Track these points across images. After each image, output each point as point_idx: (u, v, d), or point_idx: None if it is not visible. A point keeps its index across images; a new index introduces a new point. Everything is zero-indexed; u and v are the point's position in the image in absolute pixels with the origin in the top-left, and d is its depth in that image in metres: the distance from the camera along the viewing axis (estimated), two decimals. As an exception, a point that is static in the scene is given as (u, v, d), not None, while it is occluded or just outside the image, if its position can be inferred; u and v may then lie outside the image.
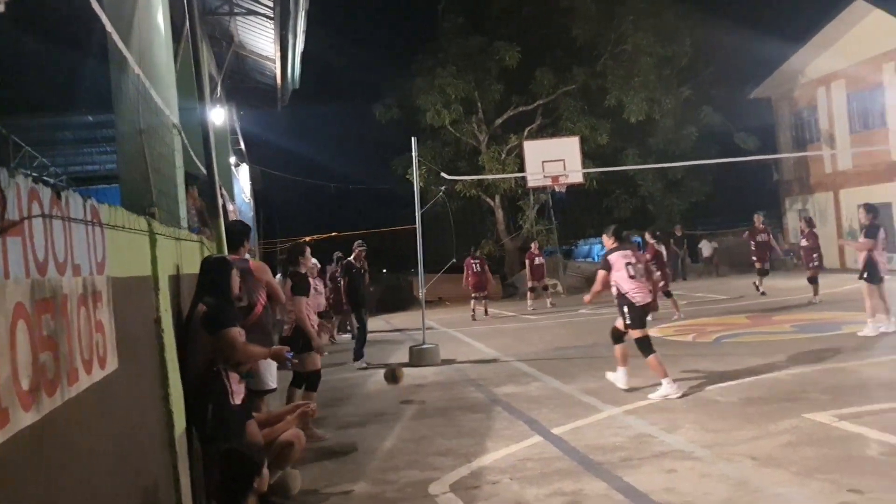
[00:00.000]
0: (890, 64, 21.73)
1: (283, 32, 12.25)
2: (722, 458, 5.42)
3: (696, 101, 26.08)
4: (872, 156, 22.75)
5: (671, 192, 27.33)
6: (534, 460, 5.81)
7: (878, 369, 8.11)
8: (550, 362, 10.54)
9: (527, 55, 25.16)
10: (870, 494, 4.46)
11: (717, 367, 9.01)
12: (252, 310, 5.94)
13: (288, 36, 12.38)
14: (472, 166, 26.08)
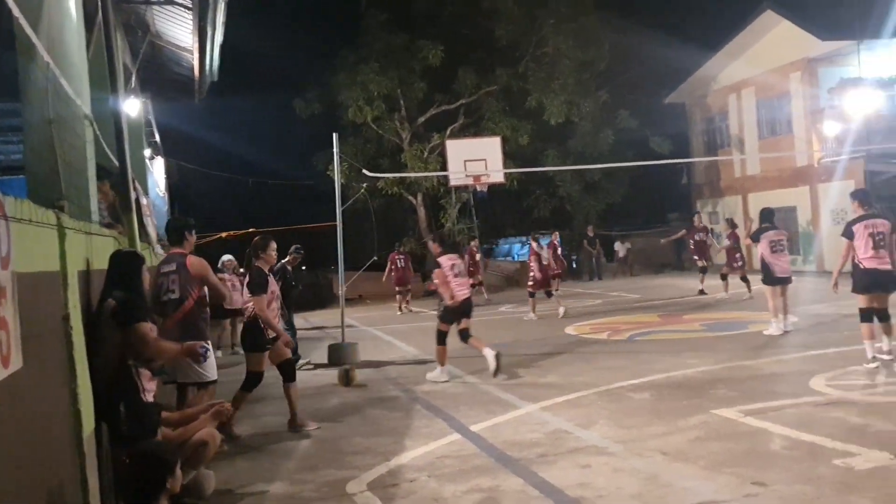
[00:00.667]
0: (796, 73, 22.70)
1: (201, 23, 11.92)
2: (634, 454, 5.58)
3: (614, 104, 26.66)
4: (779, 161, 23.75)
5: (589, 193, 27.89)
6: (452, 458, 5.85)
7: (781, 367, 8.48)
8: (470, 360, 10.60)
9: (450, 54, 25.25)
10: (772, 487, 4.66)
11: (630, 364, 9.25)
12: (181, 304, 6.03)
13: (207, 27, 12.07)
14: (395, 164, 26.03)
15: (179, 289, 6.10)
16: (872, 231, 8.05)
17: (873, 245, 8.01)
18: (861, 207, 8.32)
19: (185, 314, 6.06)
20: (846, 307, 13.22)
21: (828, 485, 4.61)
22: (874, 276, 8.04)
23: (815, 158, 22.33)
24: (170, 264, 6.25)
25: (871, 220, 8.12)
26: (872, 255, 8.02)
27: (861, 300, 8.14)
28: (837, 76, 21.80)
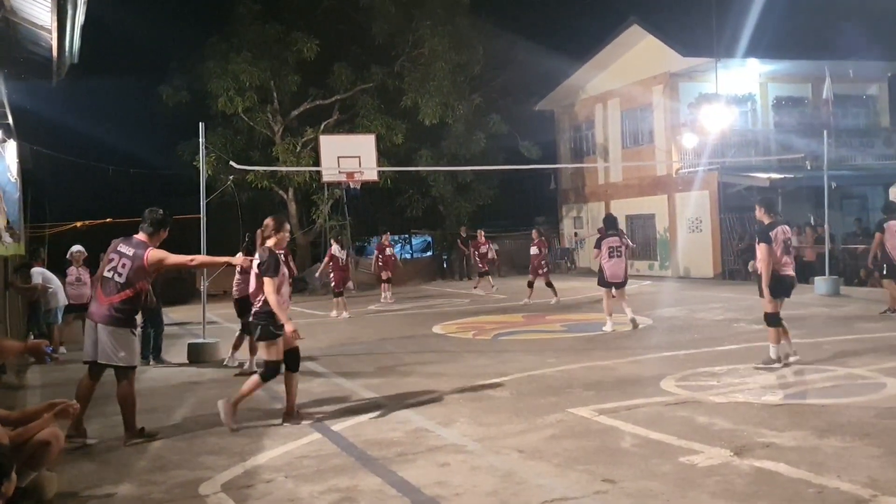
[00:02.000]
0: (658, 87, 23.80)
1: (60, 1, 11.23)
2: (492, 451, 5.65)
3: (486, 108, 27.11)
4: (640, 170, 24.84)
5: (461, 194, 28.22)
6: (311, 457, 5.74)
7: (635, 367, 8.83)
8: (335, 358, 10.50)
9: (325, 49, 24.91)
10: (621, 483, 4.83)
11: (493, 363, 9.40)
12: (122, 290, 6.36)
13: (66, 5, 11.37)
14: (266, 157, 25.40)
15: (127, 275, 6.37)
16: (784, 237, 8.25)
17: (785, 250, 8.21)
18: (767, 215, 8.41)
19: (126, 299, 6.39)
20: (699, 311, 14.02)
21: (672, 481, 4.82)
22: (787, 281, 8.26)
23: (674, 169, 23.51)
24: (128, 247, 6.51)
25: (781, 227, 8.29)
26: (787, 262, 8.23)
27: (772, 305, 8.28)
28: (696, 91, 23.06)
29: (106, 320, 6.37)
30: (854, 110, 25.08)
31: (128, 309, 6.44)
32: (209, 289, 13.03)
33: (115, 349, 6.36)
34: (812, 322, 11.76)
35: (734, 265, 21.64)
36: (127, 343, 6.44)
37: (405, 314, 16.11)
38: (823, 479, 4.70)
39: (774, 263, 8.14)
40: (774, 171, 21.51)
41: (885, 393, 6.88)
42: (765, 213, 8.38)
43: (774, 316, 8.28)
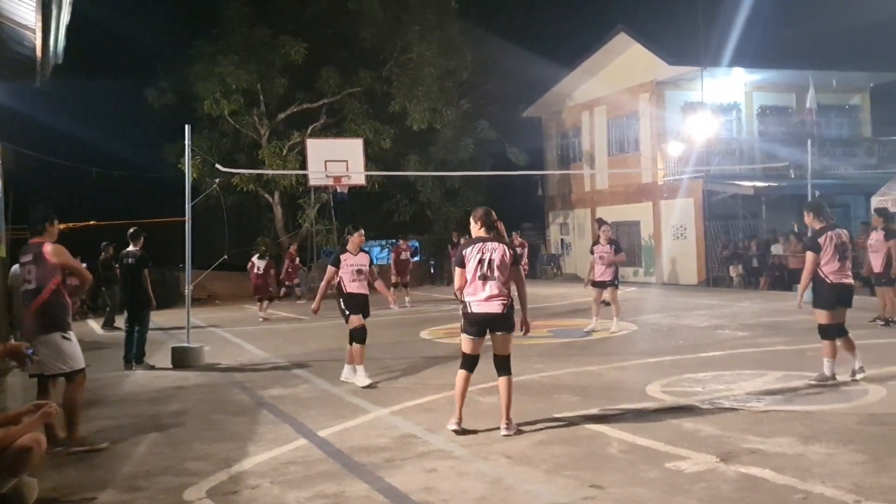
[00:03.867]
0: (645, 95, 23.95)
1: (45, 1, 11.16)
2: (479, 457, 5.65)
3: (475, 114, 27.19)
4: (626, 178, 24.96)
5: (448, 199, 28.27)
6: (297, 463, 5.72)
7: (621, 373, 8.86)
8: (321, 364, 10.47)
9: (313, 52, 24.90)
10: (609, 489, 4.84)
11: (481, 368, 9.30)
12: (38, 294, 6.17)
13: (51, 5, 11.30)
14: (252, 160, 25.34)
15: (36, 279, 6.23)
16: (838, 242, 7.62)
17: (839, 258, 7.62)
18: (818, 220, 7.83)
19: (42, 304, 6.19)
20: (683, 317, 14.09)
21: (659, 487, 4.84)
22: (840, 290, 7.64)
23: (659, 176, 23.64)
24: (27, 255, 6.37)
25: (833, 232, 7.66)
26: (840, 269, 7.64)
27: (825, 316, 7.69)
28: (682, 100, 23.23)
29: (34, 332, 6.19)
30: (837, 120, 25.36)
31: (50, 313, 6.20)
32: (194, 293, 12.98)
33: (52, 358, 6.17)
34: (796, 329, 11.83)
35: (718, 272, 21.78)
36: (59, 348, 6.21)
37: (393, 319, 16.05)
38: (808, 485, 4.73)
39: (828, 271, 7.60)
40: (759, 179, 21.70)
41: (867, 400, 6.94)
42: (814, 217, 7.81)
43: (826, 328, 7.68)
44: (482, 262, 6.21)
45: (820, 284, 7.70)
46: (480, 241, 6.29)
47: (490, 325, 6.26)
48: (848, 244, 7.76)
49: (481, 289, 6.20)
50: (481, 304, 6.22)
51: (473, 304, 6.23)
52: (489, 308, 6.22)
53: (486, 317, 6.23)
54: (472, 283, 6.21)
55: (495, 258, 6.22)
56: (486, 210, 6.46)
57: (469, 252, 6.28)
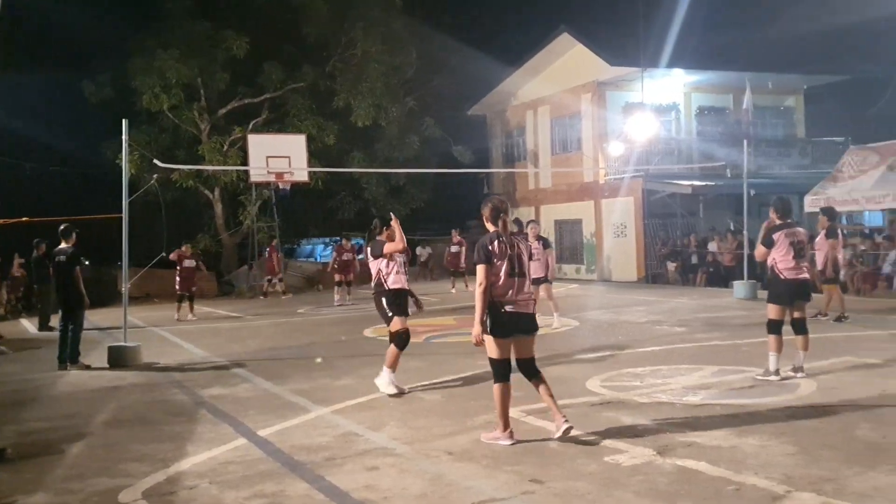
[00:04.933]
0: (587, 95, 24.24)
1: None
2: (421, 454, 5.65)
3: (420, 112, 27.16)
4: (569, 177, 25.25)
5: (393, 197, 28.19)
6: (236, 463, 5.64)
7: (563, 368, 8.93)
8: (262, 363, 10.35)
9: (256, 47, 24.55)
10: (548, 483, 4.89)
11: (424, 366, 9.40)
12: None
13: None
14: (192, 156, 24.86)
15: None
16: (794, 240, 7.76)
17: (794, 255, 7.74)
18: (778, 217, 7.99)
19: None
20: (623, 313, 14.32)
21: (597, 480, 4.91)
22: (790, 286, 7.76)
23: (601, 176, 23.97)
24: None
25: (789, 230, 7.83)
26: (794, 266, 7.76)
27: (772, 311, 7.83)
28: (623, 100, 23.58)
29: None
30: (772, 121, 26.05)
31: None
32: (132, 291, 12.69)
33: None
34: (731, 324, 12.14)
35: (657, 269, 22.19)
36: None
37: (336, 318, 15.98)
38: (742, 476, 4.85)
39: (782, 267, 7.73)
40: (697, 178, 22.16)
41: (799, 393, 7.14)
42: (775, 214, 8.03)
43: (772, 323, 7.82)
44: (511, 258, 5.81)
45: (774, 280, 7.90)
46: (503, 236, 5.85)
47: (522, 326, 5.89)
48: (805, 242, 7.94)
49: (514, 288, 5.80)
50: (517, 305, 5.81)
51: (508, 305, 5.77)
52: (524, 308, 5.87)
53: (520, 318, 5.84)
54: (505, 281, 5.75)
55: (524, 254, 5.91)
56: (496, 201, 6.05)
57: (495, 247, 5.79)
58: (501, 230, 5.86)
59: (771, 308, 7.88)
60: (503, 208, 5.98)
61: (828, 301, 12.47)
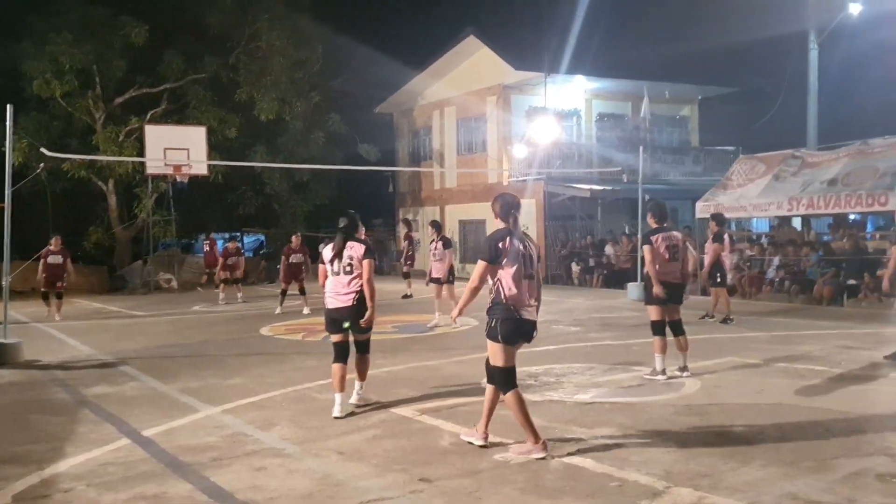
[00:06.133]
0: (492, 98, 24.51)
1: None
2: (311, 454, 5.59)
3: (326, 108, 26.84)
4: (474, 177, 25.49)
5: (297, 193, 27.80)
6: (117, 464, 5.43)
7: (459, 367, 9.02)
8: (152, 361, 10.01)
9: (156, 35, 23.70)
10: (437, 482, 4.91)
11: (321, 364, 9.25)
12: None
13: None
14: (85, 145, 23.81)
15: None
16: (669, 244, 8.05)
17: (669, 258, 8.02)
18: (654, 221, 8.24)
19: None
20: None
21: (486, 478, 4.96)
22: (668, 288, 7.99)
23: (505, 177, 24.30)
24: None
25: (665, 234, 8.11)
26: (669, 270, 8.01)
27: (653, 312, 8.09)
28: (527, 104, 23.97)
29: None
30: (668, 129, 27.02)
31: None
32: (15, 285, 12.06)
33: None
34: (624, 325, 12.51)
35: (556, 270, 22.67)
36: None
37: (232, 315, 15.63)
38: (624, 472, 4.99)
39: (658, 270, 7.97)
40: (595, 182, 22.75)
41: (683, 392, 7.42)
42: (652, 219, 8.29)
43: (655, 324, 8.08)
44: (523, 258, 5.41)
45: (650, 282, 8.16)
46: (511, 233, 5.48)
47: (528, 332, 5.54)
48: (680, 246, 8.22)
49: (527, 292, 5.44)
50: (530, 311, 5.47)
51: (523, 310, 5.40)
52: (534, 315, 5.53)
53: (531, 325, 5.49)
54: (517, 284, 5.37)
55: (533, 255, 5.58)
56: (508, 196, 5.74)
57: (507, 244, 5.40)
58: (513, 227, 5.53)
59: (651, 309, 8.16)
60: (515, 204, 5.64)
61: (715, 303, 13.01)
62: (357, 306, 6.63)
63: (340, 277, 6.66)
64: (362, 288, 6.63)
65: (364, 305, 6.62)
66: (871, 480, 4.73)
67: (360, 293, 6.62)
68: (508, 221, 5.55)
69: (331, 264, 6.71)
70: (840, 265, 15.80)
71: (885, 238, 15.74)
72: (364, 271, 6.63)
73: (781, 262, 17.15)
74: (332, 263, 6.70)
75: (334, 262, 6.68)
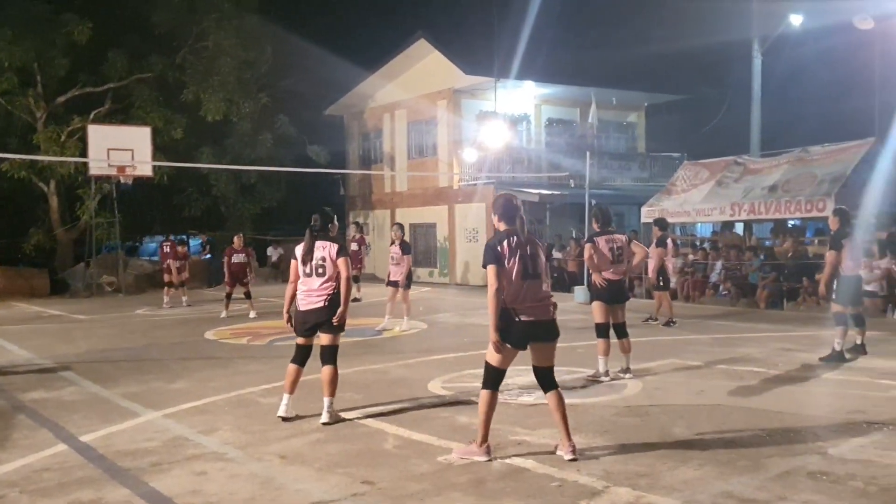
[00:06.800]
0: (443, 101, 24.59)
1: None
2: (253, 458, 5.54)
3: (274, 109, 26.58)
4: (424, 181, 25.52)
5: (244, 195, 27.48)
6: (53, 470, 5.31)
7: (405, 370, 9.03)
8: (92, 365, 9.81)
9: (100, 33, 23.17)
10: (379, 484, 4.91)
11: (266, 369, 9.22)
12: None
13: None
14: (26, 145, 23.19)
15: None
16: (612, 246, 8.26)
17: (612, 259, 8.22)
18: (598, 225, 8.46)
19: None
20: (470, 316, 14.62)
21: (429, 480, 4.98)
22: (608, 287, 8.21)
23: (455, 181, 24.38)
24: None
25: (607, 237, 8.30)
26: (612, 271, 8.22)
27: (597, 313, 8.29)
28: (478, 108, 24.12)
29: None
30: (615, 135, 27.46)
31: None
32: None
33: None
34: (568, 327, 12.58)
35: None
36: None
37: (176, 319, 15.39)
38: (565, 473, 5.06)
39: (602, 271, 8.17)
40: (544, 187, 22.98)
41: (625, 393, 7.54)
42: (596, 223, 8.46)
43: (599, 326, 8.27)
44: (524, 258, 5.33)
45: (595, 285, 8.34)
46: (516, 236, 5.39)
47: (539, 334, 5.46)
48: (624, 248, 8.44)
49: (528, 291, 5.35)
50: (533, 311, 5.35)
51: (521, 313, 5.31)
52: (542, 315, 5.40)
53: (536, 325, 5.37)
54: (517, 285, 5.30)
55: (539, 254, 5.47)
56: (509, 197, 5.63)
57: (504, 247, 5.32)
58: (519, 228, 5.42)
59: (596, 311, 8.33)
60: (517, 204, 5.52)
61: (658, 306, 13.24)
62: (328, 308, 6.50)
63: (312, 279, 6.55)
64: (333, 290, 6.52)
65: (336, 307, 6.50)
66: (802, 478, 4.87)
67: (331, 295, 6.51)
68: (513, 223, 5.46)
69: (302, 264, 6.61)
70: (781, 270, 16.21)
71: (823, 244, 16.16)
72: (342, 270, 6.51)
73: (724, 266, 17.52)
74: (304, 263, 6.60)
75: (306, 263, 6.58)
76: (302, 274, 6.60)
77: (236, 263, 15.38)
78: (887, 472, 4.94)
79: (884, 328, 11.67)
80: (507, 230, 5.44)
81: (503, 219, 5.49)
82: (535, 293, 5.36)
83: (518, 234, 5.38)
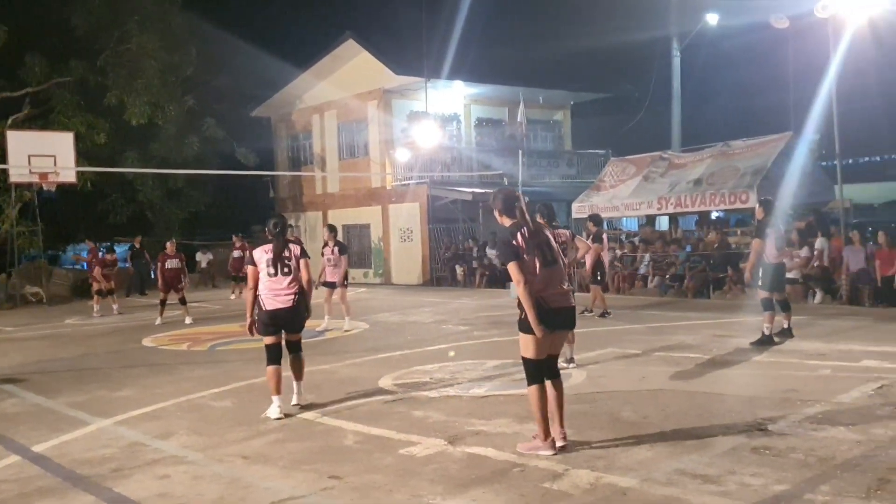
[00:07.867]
0: (373, 102, 24.63)
1: None
2: (215, 460, 5.55)
3: (200, 111, 26.17)
4: (357, 182, 25.52)
5: (171, 200, 26.96)
6: (10, 482, 5.23)
7: (355, 369, 9.11)
8: (31, 376, 9.56)
9: (17, 37, 22.43)
10: (347, 478, 5.00)
11: (210, 373, 9.17)
12: None
13: None
14: (-61, 153, 22.27)
15: None
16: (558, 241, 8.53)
17: None
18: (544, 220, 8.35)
19: None
20: (411, 314, 14.75)
21: (394, 472, 5.09)
22: None
23: (388, 181, 24.46)
24: None
25: (556, 231, 8.27)
26: None
27: None
28: (408, 108, 24.24)
29: None
30: (543, 134, 27.97)
31: None
32: None
33: None
34: (509, 322, 12.82)
35: (441, 272, 23.03)
36: None
37: (110, 327, 15.06)
38: (525, 458, 5.24)
39: None
40: (477, 186, 23.26)
41: (571, 382, 7.78)
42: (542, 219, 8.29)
43: None
44: (541, 246, 5.29)
45: None
46: (525, 226, 5.34)
47: (563, 321, 5.39)
48: (568, 243, 8.88)
49: (553, 279, 5.29)
50: (559, 298, 5.29)
51: (549, 298, 5.23)
52: (566, 302, 5.36)
53: (562, 312, 5.32)
54: (542, 274, 5.23)
55: (551, 240, 5.45)
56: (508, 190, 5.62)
57: (519, 239, 5.27)
58: (521, 219, 5.38)
59: None
60: (517, 196, 5.52)
61: (594, 299, 13.62)
62: (296, 307, 6.87)
63: (279, 279, 6.82)
64: (299, 289, 6.87)
65: (302, 305, 6.89)
66: (747, 454, 5.16)
67: (298, 294, 6.86)
68: (516, 216, 5.42)
69: (269, 266, 6.79)
70: (707, 260, 16.85)
71: (746, 234, 16.87)
72: (304, 271, 6.88)
73: (651, 258, 18.11)
74: (271, 266, 6.79)
75: (273, 265, 6.77)
76: (266, 276, 6.81)
77: (170, 269, 15.09)
78: (824, 445, 5.28)
79: (806, 312, 12.29)
80: (514, 223, 5.40)
81: (505, 213, 5.45)
82: (559, 278, 5.35)
83: (527, 225, 5.37)
